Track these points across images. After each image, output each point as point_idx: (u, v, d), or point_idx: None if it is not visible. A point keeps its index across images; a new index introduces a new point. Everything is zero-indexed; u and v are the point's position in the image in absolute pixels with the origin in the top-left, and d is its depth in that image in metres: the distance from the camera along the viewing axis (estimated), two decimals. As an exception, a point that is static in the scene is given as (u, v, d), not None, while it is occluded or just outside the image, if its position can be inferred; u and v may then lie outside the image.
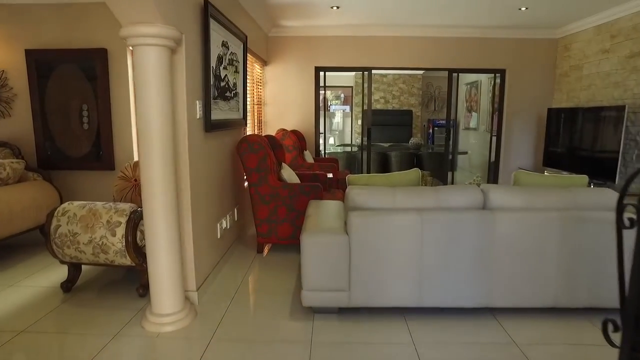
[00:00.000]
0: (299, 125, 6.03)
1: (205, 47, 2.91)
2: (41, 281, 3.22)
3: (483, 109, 9.08)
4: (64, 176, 4.21)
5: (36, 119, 4.09)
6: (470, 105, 9.70)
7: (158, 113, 2.30)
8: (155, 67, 2.25)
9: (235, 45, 3.75)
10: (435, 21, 5.43)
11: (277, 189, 3.63)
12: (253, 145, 3.52)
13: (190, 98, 2.67)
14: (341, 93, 11.40)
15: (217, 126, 3.16)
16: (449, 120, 6.44)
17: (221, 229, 3.43)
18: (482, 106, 9.19)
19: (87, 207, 2.82)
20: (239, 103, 3.90)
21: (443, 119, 10.63)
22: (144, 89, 2.26)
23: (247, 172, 3.60)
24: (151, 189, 2.38)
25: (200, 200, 2.93)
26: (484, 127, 9.02)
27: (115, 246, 2.74)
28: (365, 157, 6.40)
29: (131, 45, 2.24)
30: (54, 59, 3.98)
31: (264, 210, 3.68)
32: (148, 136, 2.31)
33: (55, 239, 2.80)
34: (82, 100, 4.01)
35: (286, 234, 3.71)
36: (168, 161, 2.41)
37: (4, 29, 4.06)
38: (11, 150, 3.99)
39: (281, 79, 5.97)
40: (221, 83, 3.34)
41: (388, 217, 2.49)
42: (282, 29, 5.80)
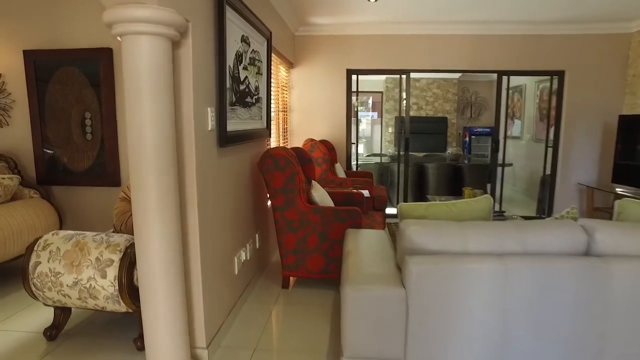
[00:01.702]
0: (329, 134, 5.42)
1: (219, 41, 2.34)
2: (21, 324, 2.68)
3: (528, 115, 8.28)
4: (65, 193, 3.72)
5: (35, 128, 3.62)
6: (513, 111, 8.90)
7: (153, 124, 1.72)
8: (150, 62, 1.67)
9: (257, 41, 3.17)
10: (480, 16, 4.74)
11: (307, 213, 3.01)
12: (278, 161, 2.92)
13: (199, 104, 2.10)
14: (368, 99, 10.76)
15: (234, 139, 2.58)
16: (497, 128, 5.71)
17: (239, 262, 2.84)
18: (526, 113, 8.38)
19: (74, 240, 2.27)
20: (261, 110, 3.32)
21: (481, 127, 9.85)
22: (134, 91, 1.69)
23: (271, 193, 3.00)
24: (145, 221, 1.81)
25: (211, 231, 2.34)
26: (529, 136, 8.21)
27: (106, 290, 2.18)
28: (402, 170, 5.72)
29: (118, 34, 1.68)
30: (54, 61, 3.51)
31: (291, 239, 3.07)
32: (140, 154, 1.74)
33: (34, 278, 2.26)
34: (84, 108, 3.51)
35: (317, 267, 3.09)
36: (168, 186, 1.83)
37: (1, 28, 3.62)
38: (6, 164, 3.52)
39: (309, 83, 5.38)
40: (240, 86, 2.76)
41: (459, 265, 1.84)
42: (311, 28, 5.22)
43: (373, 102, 10.84)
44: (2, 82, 3.69)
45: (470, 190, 4.25)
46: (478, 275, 1.82)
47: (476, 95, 10.35)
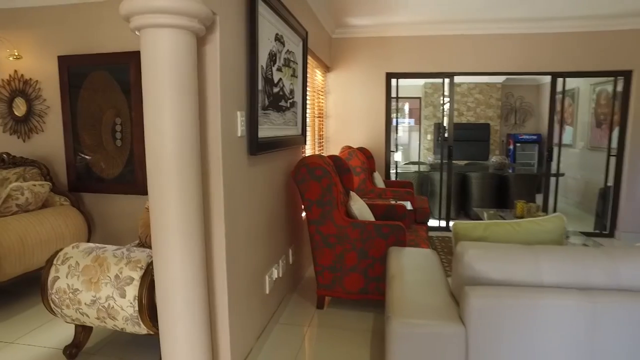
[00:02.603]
0: (367, 141, 5.14)
1: (251, 38, 2.12)
2: (43, 339, 2.56)
3: (582, 121, 7.66)
4: (95, 200, 3.62)
5: (67, 134, 3.55)
6: (563, 117, 8.29)
7: (175, 129, 1.51)
8: (172, 58, 1.47)
9: (292, 41, 2.95)
10: (531, 13, 4.33)
11: (345, 228, 2.74)
12: (315, 170, 2.67)
13: (227, 108, 1.88)
14: (404, 105, 10.38)
15: (266, 146, 2.35)
16: (550, 135, 5.24)
17: (271, 281, 2.60)
18: (580, 118, 7.77)
19: (94, 254, 2.10)
20: (296, 115, 3.09)
21: (527, 134, 9.27)
22: (153, 92, 1.49)
23: (306, 205, 2.75)
24: (164, 237, 1.60)
25: (240, 248, 2.11)
26: (583, 144, 7.59)
27: (125, 311, 1.99)
28: (445, 179, 5.35)
29: (136, 28, 1.48)
30: (86, 66, 3.43)
31: (328, 256, 2.80)
32: (160, 163, 1.53)
33: (52, 294, 2.11)
34: (115, 113, 3.41)
35: (355, 287, 2.81)
36: (191, 198, 1.61)
37: (37, 35, 3.59)
38: (39, 170, 3.47)
39: (346, 88, 5.13)
40: (274, 88, 2.54)
41: (531, 299, 1.51)
42: (349, 29, 4.97)
43: (410, 108, 10.48)
44: (38, 88, 3.66)
45: (524, 204, 3.84)
46: (556, 314, 1.49)
47: (521, 101, 9.78)
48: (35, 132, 3.72)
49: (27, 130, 3.71)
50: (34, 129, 3.70)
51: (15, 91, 3.72)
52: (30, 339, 2.58)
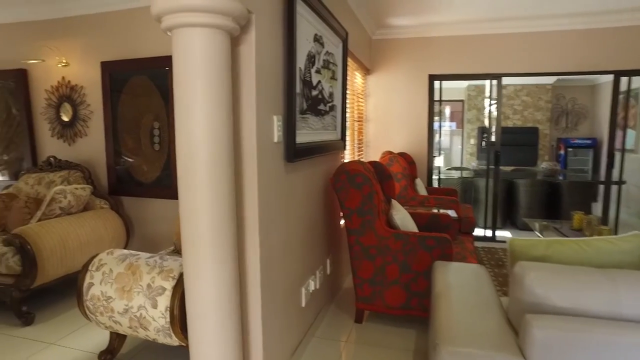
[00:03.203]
0: (408, 146, 4.93)
1: (289, 38, 2.02)
2: (81, 342, 2.58)
3: (645, 124, 7.07)
4: (133, 204, 3.65)
5: (108, 138, 3.60)
6: (627, 119, 7.68)
7: (207, 134, 1.42)
8: (204, 59, 1.38)
9: (332, 42, 2.83)
10: (588, 6, 3.98)
11: (387, 239, 2.58)
12: (355, 177, 2.53)
13: (263, 112, 1.78)
14: (445, 108, 10.01)
15: (304, 152, 2.23)
16: (612, 139, 4.83)
17: (307, 293, 2.48)
18: (642, 121, 7.17)
19: (127, 262, 2.06)
20: (335, 119, 2.97)
21: (580, 138, 8.69)
22: (184, 95, 1.40)
23: (345, 213, 2.61)
24: (195, 249, 1.51)
25: (275, 259, 2.00)
26: (647, 149, 6.99)
27: (157, 322, 1.92)
28: (491, 186, 5.04)
29: (168, 28, 1.40)
30: (127, 71, 3.46)
31: (368, 268, 2.65)
32: (190, 170, 1.45)
33: (87, 300, 2.08)
34: (153, 117, 3.41)
35: (397, 302, 2.63)
36: (223, 209, 1.51)
37: (82, 42, 3.67)
38: (82, 173, 3.53)
39: (387, 91, 4.95)
40: (312, 91, 2.42)
41: (608, 335, 1.30)
42: (390, 30, 4.80)
43: (451, 111, 10.12)
44: (83, 93, 3.74)
45: (582, 215, 3.52)
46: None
47: (574, 102, 9.18)
48: (80, 136, 3.80)
49: (72, 135, 3.80)
50: (78, 133, 3.78)
51: (62, 97, 3.82)
52: (69, 341, 2.60)
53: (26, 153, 4.03)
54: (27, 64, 3.91)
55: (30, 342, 2.60)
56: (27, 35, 3.89)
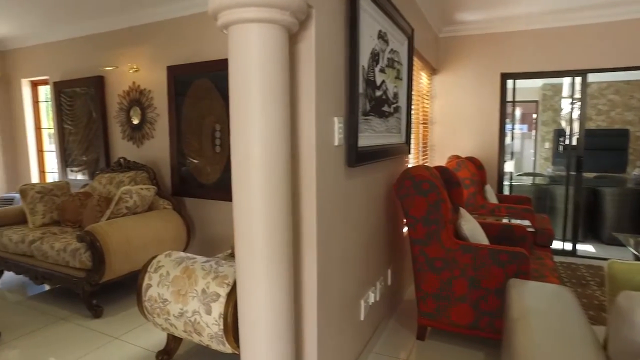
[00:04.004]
0: (476, 150, 4.60)
1: (351, 35, 1.89)
2: (142, 339, 2.64)
3: None
4: (195, 205, 3.71)
5: (172, 140, 3.70)
6: None
7: (264, 138, 1.33)
8: (261, 57, 1.29)
9: (397, 40, 2.67)
10: None
11: (454, 251, 2.36)
12: (421, 184, 2.34)
13: (323, 113, 1.66)
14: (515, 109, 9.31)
15: (367, 156, 2.09)
16: None
17: (367, 306, 2.33)
18: None
19: (183, 265, 2.04)
20: (400, 121, 2.79)
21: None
22: (240, 96, 1.32)
23: (409, 222, 2.43)
24: (249, 259, 1.43)
25: (333, 271, 1.88)
26: None
27: (210, 328, 1.88)
28: (571, 194, 4.56)
29: (224, 25, 1.33)
30: (191, 74, 3.53)
31: (433, 281, 2.45)
32: (245, 174, 1.37)
33: (145, 301, 2.09)
34: (214, 119, 3.45)
35: (464, 320, 2.40)
36: (279, 215, 1.42)
37: (150, 48, 3.81)
38: (147, 174, 3.65)
39: (454, 91, 4.66)
40: (376, 92, 2.28)
41: None
42: (459, 27, 4.51)
43: (523, 113, 9.43)
44: (150, 97, 3.88)
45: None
46: None
47: (671, 102, 8.16)
48: (147, 138, 3.95)
49: (140, 137, 3.96)
50: (145, 135, 3.93)
51: (133, 101, 3.99)
52: (131, 336, 2.67)
53: (101, 154, 4.27)
54: (104, 71, 4.15)
55: (98, 334, 2.70)
56: (104, 44, 4.12)
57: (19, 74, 5.03)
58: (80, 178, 4.56)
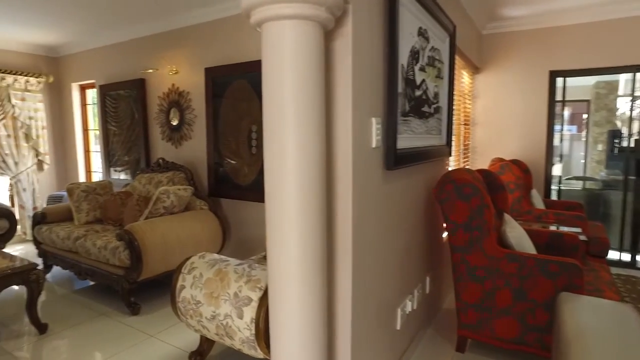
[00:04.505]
0: (521, 152, 4.37)
1: (390, 32, 1.80)
2: (176, 338, 2.67)
3: None
4: (231, 206, 3.73)
5: (209, 141, 3.74)
6: None
7: (296, 138, 1.28)
8: (295, 55, 1.24)
9: (438, 37, 2.55)
10: None
11: (499, 260, 2.22)
12: (462, 188, 2.22)
13: (360, 114, 1.59)
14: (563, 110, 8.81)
15: (406, 159, 2.00)
16: None
17: (403, 315, 2.23)
18: None
19: (217, 267, 2.02)
20: (441, 122, 2.67)
21: None
22: (273, 96, 1.27)
23: (450, 228, 2.31)
24: (280, 261, 1.38)
25: (369, 279, 1.80)
26: None
27: (242, 333, 1.85)
28: (630, 201, 4.23)
29: (257, 23, 1.29)
30: (228, 76, 3.55)
31: (474, 291, 2.31)
32: (278, 177, 1.32)
33: (179, 302, 2.09)
34: (251, 120, 3.44)
35: (508, 334, 2.25)
36: (313, 219, 1.36)
37: (189, 50, 3.87)
38: (185, 175, 3.70)
39: (498, 91, 4.45)
40: (415, 91, 2.18)
41: None
42: (504, 22, 4.30)
43: (571, 113, 8.92)
44: (189, 99, 3.94)
45: None
46: None
47: None
48: (185, 139, 4.02)
49: (178, 138, 4.03)
50: (184, 136, 3.99)
51: (172, 102, 4.07)
52: (166, 335, 2.70)
53: (142, 154, 4.39)
54: (145, 74, 4.26)
55: (135, 331, 2.75)
56: (145, 48, 4.23)
57: (70, 78, 5.27)
58: (123, 178, 4.71)
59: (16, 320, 2.93)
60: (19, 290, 3.42)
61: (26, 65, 5.07)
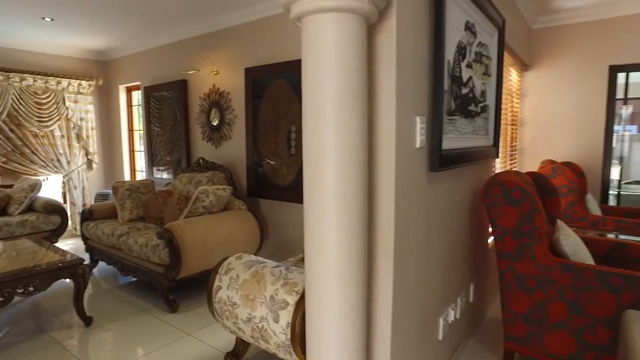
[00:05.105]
0: (575, 154, 4.10)
1: (436, 26, 1.70)
2: (212, 338, 2.68)
3: None
4: (269, 207, 3.72)
5: (249, 141, 3.75)
6: None
7: (336, 138, 1.22)
8: (336, 50, 1.17)
9: (486, 32, 2.41)
10: None
11: (551, 270, 2.06)
12: (511, 191, 2.08)
13: (404, 112, 1.51)
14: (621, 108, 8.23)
15: (451, 160, 1.89)
16: None
17: (446, 324, 2.12)
18: None
19: (253, 269, 1.99)
20: (488, 122, 2.53)
21: None
22: (313, 92, 1.22)
23: (497, 234, 2.17)
24: (320, 266, 1.32)
25: (411, 286, 1.71)
26: None
27: (278, 337, 1.80)
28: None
29: (297, 17, 1.24)
30: (268, 75, 3.54)
31: (523, 301, 2.16)
32: (317, 178, 1.26)
33: (215, 303, 2.08)
34: (290, 121, 3.42)
35: (562, 350, 2.09)
36: (354, 224, 1.30)
37: (230, 51, 3.90)
38: (224, 175, 3.73)
39: (549, 88, 4.19)
40: (462, 89, 2.06)
41: None
42: (557, 15, 4.04)
43: (633, 112, 8.31)
44: (229, 99, 3.97)
45: None
46: None
47: None
48: (225, 139, 4.05)
49: (218, 138, 4.07)
50: (224, 136, 4.03)
51: (212, 103, 4.12)
52: (202, 334, 2.71)
53: (183, 154, 4.48)
54: (187, 75, 4.34)
55: (173, 329, 2.78)
56: (187, 50, 4.31)
57: (117, 81, 5.48)
58: (165, 177, 4.82)
59: (65, 311, 3.06)
60: (69, 283, 3.57)
61: (79, 70, 5.32)
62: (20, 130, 4.81)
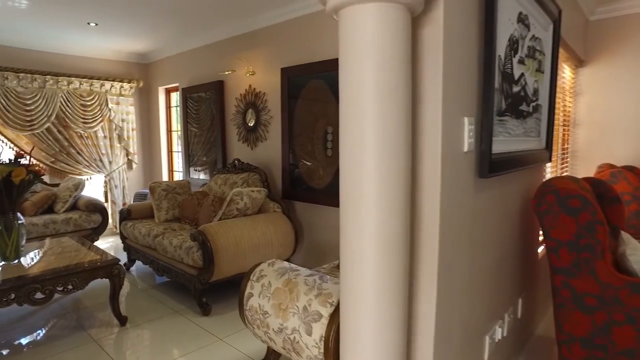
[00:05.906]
0: (636, 157, 3.75)
1: (487, 18, 1.55)
2: (244, 344, 2.62)
3: None
4: (305, 209, 3.63)
5: (284, 142, 3.68)
6: None
7: (376, 140, 1.10)
8: (377, 43, 1.06)
9: (540, 24, 2.21)
10: None
11: (617, 289, 1.84)
12: (568, 199, 1.88)
13: (450, 113, 1.36)
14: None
15: (501, 165, 1.72)
16: None
17: (492, 342, 1.95)
18: None
19: (286, 277, 1.91)
20: (540, 123, 2.32)
21: None
22: (351, 90, 1.11)
23: (550, 245, 1.98)
24: (356, 279, 1.22)
25: (455, 300, 1.57)
26: None
27: (310, 350, 1.71)
28: None
29: (335, 9, 1.13)
30: (304, 75, 3.46)
31: (581, 323, 1.95)
32: (355, 183, 1.16)
33: (246, 310, 2.01)
34: (326, 122, 3.31)
35: (624, 379, 1.86)
36: (394, 234, 1.18)
37: (266, 51, 3.85)
38: (259, 176, 3.68)
39: (607, 86, 3.87)
40: (513, 87, 1.88)
41: None
42: (619, 4, 3.71)
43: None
44: (265, 100, 3.93)
45: None
46: None
47: None
48: (260, 140, 4.01)
49: (254, 139, 4.03)
50: (259, 137, 3.99)
51: (248, 104, 4.09)
52: (234, 340, 2.66)
53: (219, 155, 4.48)
54: (223, 76, 4.33)
55: (205, 333, 2.75)
56: (223, 51, 4.31)
57: (157, 82, 5.59)
58: (202, 177, 4.85)
59: (103, 309, 3.11)
60: (107, 282, 3.64)
61: (120, 72, 5.46)
62: (67, 132, 4.98)
